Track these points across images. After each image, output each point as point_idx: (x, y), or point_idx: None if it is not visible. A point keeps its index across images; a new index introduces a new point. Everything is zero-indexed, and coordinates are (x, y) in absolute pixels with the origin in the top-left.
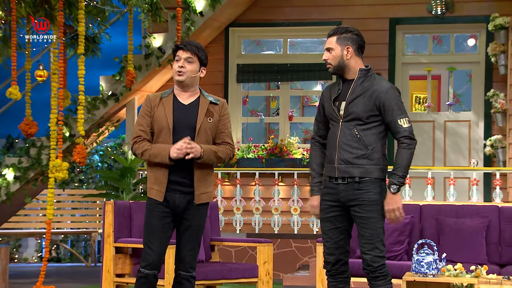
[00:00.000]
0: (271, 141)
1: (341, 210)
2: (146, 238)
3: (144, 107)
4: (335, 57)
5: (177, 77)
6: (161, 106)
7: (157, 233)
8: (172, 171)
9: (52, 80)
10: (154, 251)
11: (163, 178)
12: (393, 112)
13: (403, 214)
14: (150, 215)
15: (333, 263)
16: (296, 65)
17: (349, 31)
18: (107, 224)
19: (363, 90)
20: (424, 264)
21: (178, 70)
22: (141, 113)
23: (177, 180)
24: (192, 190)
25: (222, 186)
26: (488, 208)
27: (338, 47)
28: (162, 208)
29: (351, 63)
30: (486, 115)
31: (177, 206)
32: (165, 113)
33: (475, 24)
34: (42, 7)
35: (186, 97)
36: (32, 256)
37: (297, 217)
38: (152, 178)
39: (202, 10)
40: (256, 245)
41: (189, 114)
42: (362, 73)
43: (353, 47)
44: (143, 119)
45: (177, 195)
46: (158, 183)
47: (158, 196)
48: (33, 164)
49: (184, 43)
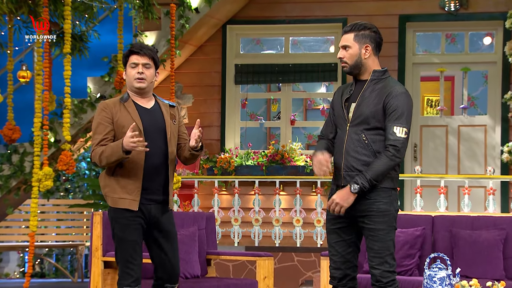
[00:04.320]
0: (271, 147)
1: (349, 222)
2: (126, 255)
3: (102, 115)
4: (352, 56)
5: (138, 84)
6: (124, 111)
7: (138, 247)
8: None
9: (36, 81)
10: (136, 267)
11: (133, 186)
12: (394, 117)
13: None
14: (127, 229)
15: (340, 278)
16: (298, 65)
17: (368, 27)
18: (95, 237)
19: (374, 92)
20: (437, 279)
21: (138, 77)
22: (99, 121)
23: (149, 187)
24: (164, 198)
25: (219, 195)
26: (506, 220)
27: (356, 45)
28: (138, 220)
29: (368, 63)
30: (503, 119)
31: (153, 217)
32: (132, 117)
33: (491, 22)
34: (25, 3)
35: (145, 102)
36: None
37: (299, 228)
38: (118, 187)
39: (197, 6)
40: (256, 259)
41: (156, 118)
42: (376, 75)
43: (371, 45)
44: (102, 126)
45: (152, 205)
46: (128, 192)
47: (133, 206)
48: (15, 172)
49: (138, 47)
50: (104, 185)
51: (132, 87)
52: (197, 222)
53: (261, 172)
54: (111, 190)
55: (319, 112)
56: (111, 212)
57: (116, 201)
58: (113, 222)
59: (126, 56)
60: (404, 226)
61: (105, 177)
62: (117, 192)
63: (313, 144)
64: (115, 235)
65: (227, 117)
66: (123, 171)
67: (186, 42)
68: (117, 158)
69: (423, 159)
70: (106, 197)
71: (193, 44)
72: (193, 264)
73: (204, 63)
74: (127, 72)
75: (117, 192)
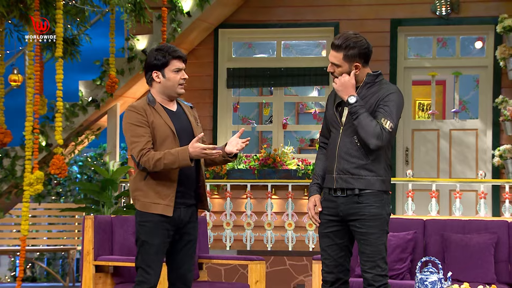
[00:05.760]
0: (263, 151)
1: (341, 225)
2: (144, 260)
3: (136, 117)
4: (342, 73)
5: (181, 90)
6: (156, 114)
7: (159, 254)
8: (178, 183)
9: (28, 85)
10: (155, 273)
11: (168, 191)
12: (383, 110)
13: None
14: (153, 234)
15: (332, 282)
16: (290, 69)
17: (357, 46)
18: (87, 241)
19: (368, 96)
20: (428, 283)
21: (183, 82)
22: (135, 123)
23: (183, 191)
24: (195, 202)
25: (211, 199)
26: (497, 223)
27: (346, 64)
28: (167, 225)
29: (359, 76)
30: (495, 123)
31: (181, 221)
32: (164, 121)
33: (482, 26)
34: (16, 6)
35: (171, 105)
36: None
37: (291, 232)
38: (151, 192)
39: (189, 10)
40: (248, 263)
41: (183, 121)
42: (369, 78)
43: (361, 61)
44: (142, 129)
45: (182, 209)
46: (162, 197)
47: (167, 211)
48: (7, 176)
49: (180, 52)
50: (135, 189)
51: (174, 93)
52: None
53: (253, 176)
54: (143, 195)
55: (311, 116)
56: (138, 216)
57: (148, 206)
58: (139, 226)
59: (167, 60)
60: (395, 230)
61: (137, 181)
62: (149, 196)
63: (305, 148)
64: (139, 239)
65: (219, 121)
66: (158, 175)
67: (178, 45)
68: (179, 166)
69: (414, 163)
70: (135, 201)
71: (185, 48)
72: None
73: (196, 67)
74: (170, 77)
75: (150, 197)
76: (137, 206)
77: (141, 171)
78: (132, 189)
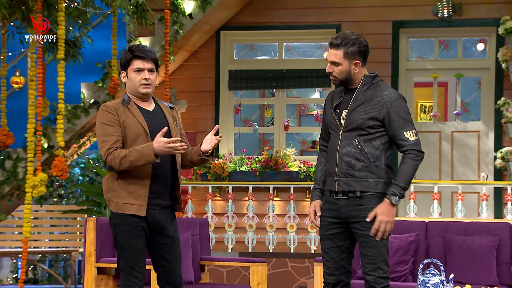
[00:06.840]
0: (265, 153)
1: (342, 227)
2: (129, 262)
3: (107, 116)
4: (342, 72)
5: (144, 90)
6: (129, 113)
7: (141, 254)
8: (151, 183)
9: (30, 87)
10: (142, 274)
11: (141, 191)
12: (399, 124)
13: (392, 229)
14: (131, 236)
15: (334, 284)
16: (292, 71)
17: (357, 43)
18: (89, 243)
19: (366, 98)
20: (430, 285)
21: (144, 83)
22: (106, 122)
23: (158, 192)
24: (171, 203)
25: (213, 201)
26: (499, 225)
27: (346, 62)
28: (142, 225)
29: (357, 75)
30: (497, 125)
31: (158, 223)
32: (137, 120)
33: (484, 28)
34: (18, 8)
35: (147, 104)
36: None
37: (293, 234)
38: (124, 192)
39: (191, 12)
40: (250, 265)
41: (159, 120)
42: (366, 80)
43: (360, 59)
44: (112, 128)
45: (157, 210)
46: (135, 197)
47: (140, 211)
48: (9, 178)
49: (142, 51)
50: (108, 189)
51: (137, 93)
52: (191, 228)
53: (255, 178)
54: (116, 195)
55: (313, 118)
56: (114, 218)
57: (121, 207)
58: (115, 228)
59: (128, 60)
60: (397, 232)
61: (110, 181)
62: (122, 197)
63: (307, 150)
64: (117, 242)
65: (221, 123)
66: (130, 175)
67: (180, 48)
68: (145, 163)
69: None
70: (109, 202)
71: (187, 50)
72: (187, 270)
73: (198, 69)
74: (131, 77)
75: (123, 197)
76: (111, 208)
77: (114, 172)
78: (105, 190)
